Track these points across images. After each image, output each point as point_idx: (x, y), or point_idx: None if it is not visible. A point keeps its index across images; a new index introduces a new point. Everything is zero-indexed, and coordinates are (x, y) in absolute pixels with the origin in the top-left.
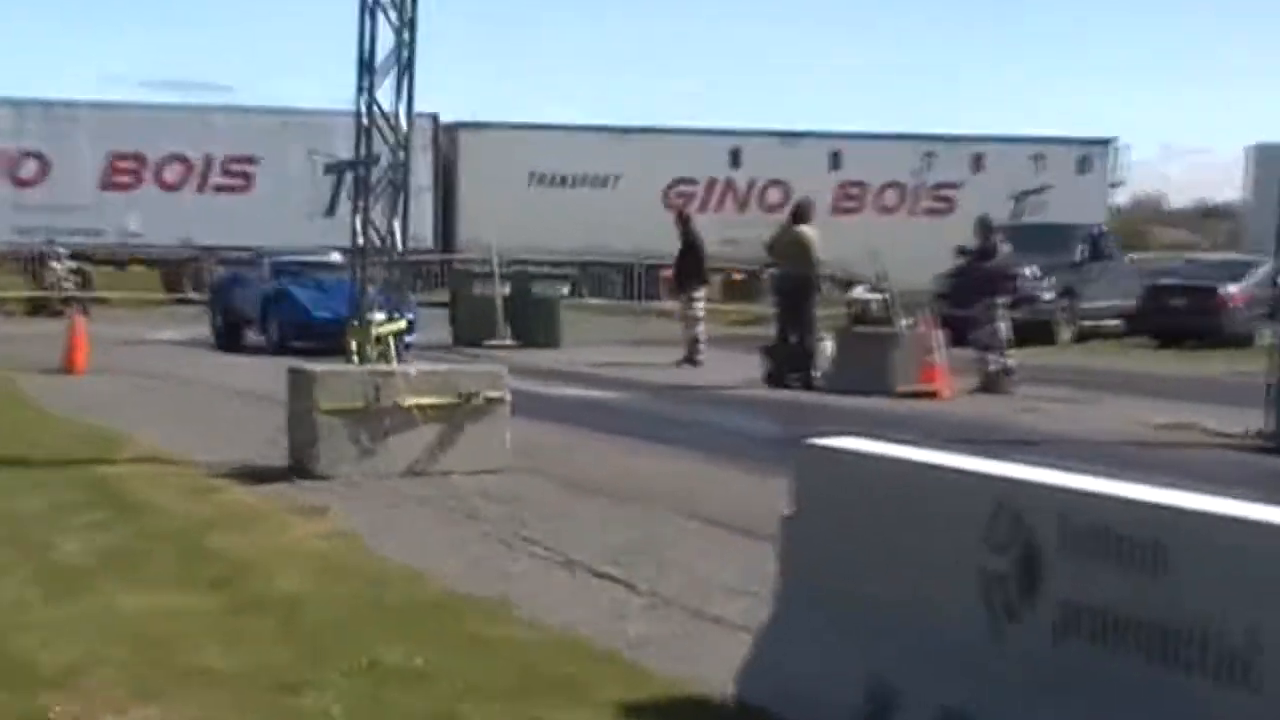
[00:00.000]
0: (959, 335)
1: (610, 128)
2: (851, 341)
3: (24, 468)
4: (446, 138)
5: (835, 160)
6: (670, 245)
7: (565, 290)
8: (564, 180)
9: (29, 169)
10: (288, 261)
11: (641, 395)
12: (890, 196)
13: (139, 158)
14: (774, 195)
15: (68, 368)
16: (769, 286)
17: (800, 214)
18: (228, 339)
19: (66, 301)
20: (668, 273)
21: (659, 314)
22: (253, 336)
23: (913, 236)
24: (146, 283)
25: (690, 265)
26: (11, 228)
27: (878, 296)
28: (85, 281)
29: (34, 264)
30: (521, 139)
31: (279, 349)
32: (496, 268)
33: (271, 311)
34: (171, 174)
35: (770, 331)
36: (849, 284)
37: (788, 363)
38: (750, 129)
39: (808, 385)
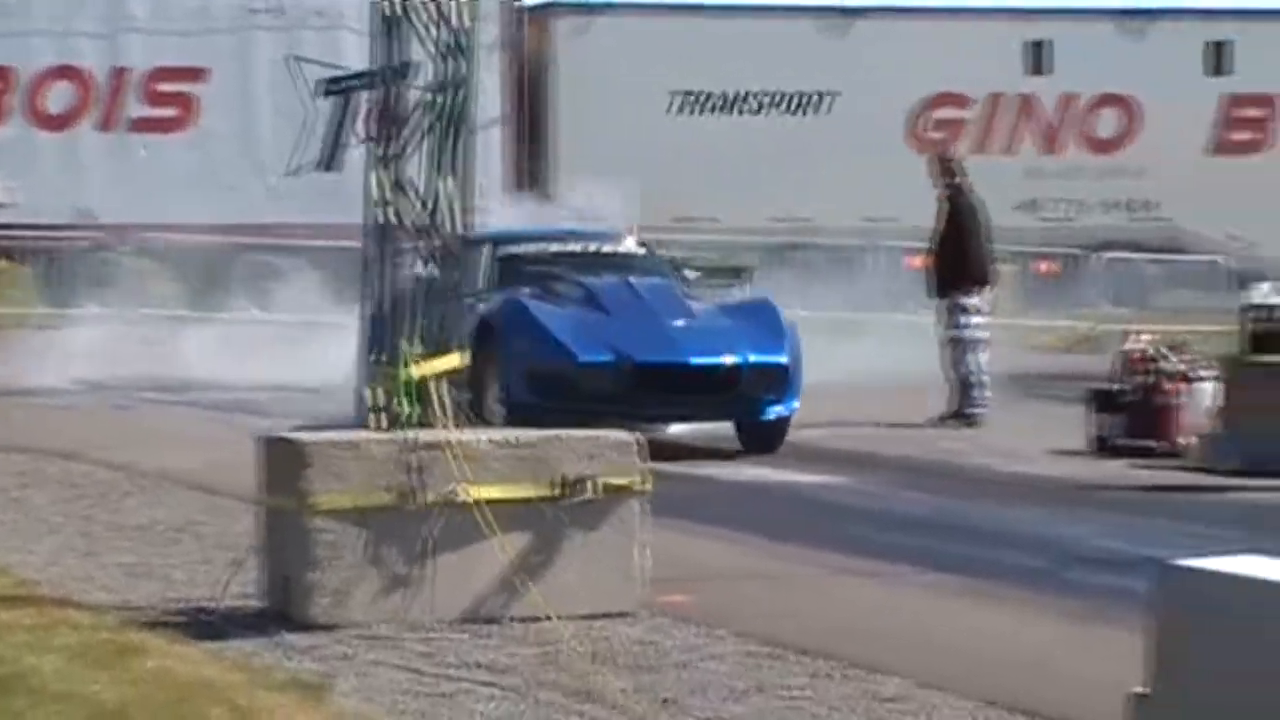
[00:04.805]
0: None
1: (817, 8)
2: (1250, 380)
3: None
4: (533, 32)
5: (1217, 57)
6: (923, 213)
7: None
8: (735, 102)
9: None
10: (528, 254)
11: (876, 479)
12: None
13: (1, 74)
14: (1108, 121)
15: None
16: None
17: None
18: None
19: None
20: (921, 261)
21: (906, 332)
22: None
23: None
24: (16, 288)
25: (959, 249)
26: None
27: None
28: None
29: None
30: (661, 33)
31: (514, 422)
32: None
33: (496, 352)
34: (56, 99)
35: (1106, 362)
36: (1243, 279)
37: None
38: (1065, 7)
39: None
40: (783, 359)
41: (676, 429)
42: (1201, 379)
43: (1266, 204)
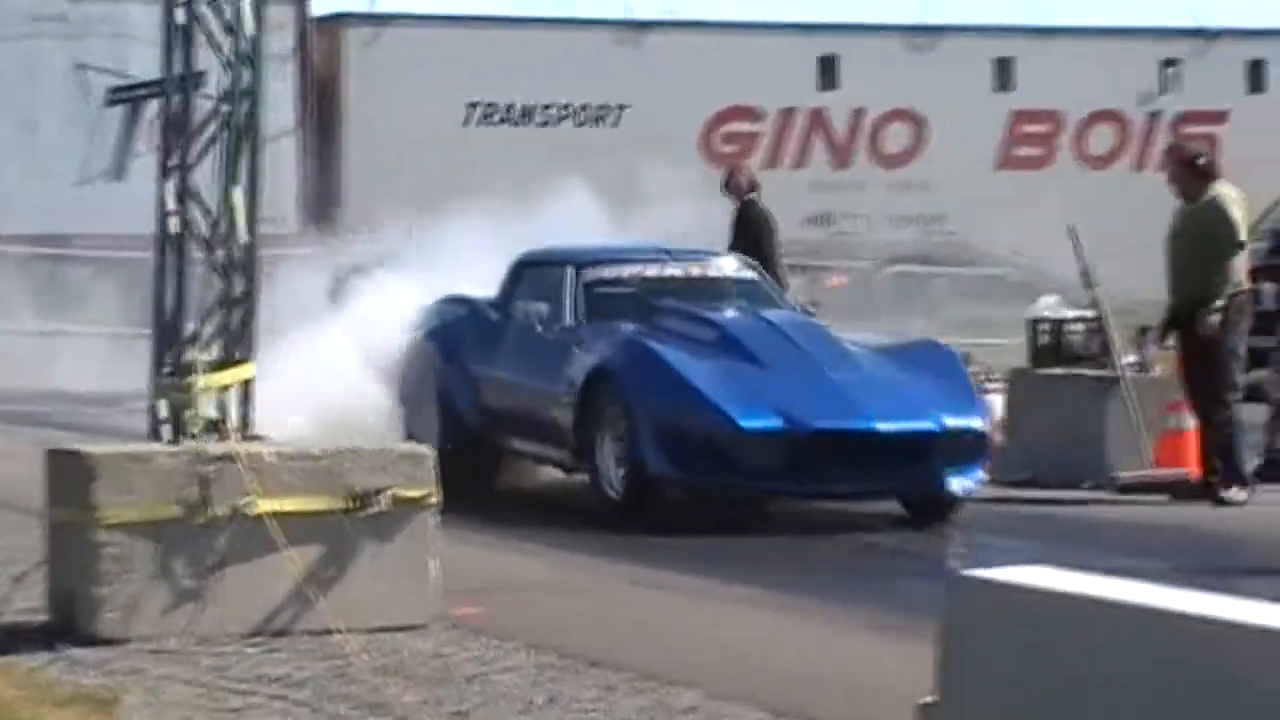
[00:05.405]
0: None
1: (611, 22)
2: (1036, 392)
3: None
4: (324, 41)
5: (1004, 73)
6: (715, 228)
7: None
8: (528, 114)
9: None
10: (623, 278)
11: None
12: (1101, 136)
13: None
14: (897, 136)
15: None
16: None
17: (1209, 169)
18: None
19: None
20: None
21: None
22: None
23: (1143, 206)
24: None
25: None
26: None
27: (1080, 314)
28: None
29: None
30: (454, 44)
31: (639, 492)
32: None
33: (618, 407)
34: None
35: None
36: (1029, 292)
37: None
38: (855, 23)
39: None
40: (980, 424)
41: None
42: (988, 391)
43: (1050, 218)
